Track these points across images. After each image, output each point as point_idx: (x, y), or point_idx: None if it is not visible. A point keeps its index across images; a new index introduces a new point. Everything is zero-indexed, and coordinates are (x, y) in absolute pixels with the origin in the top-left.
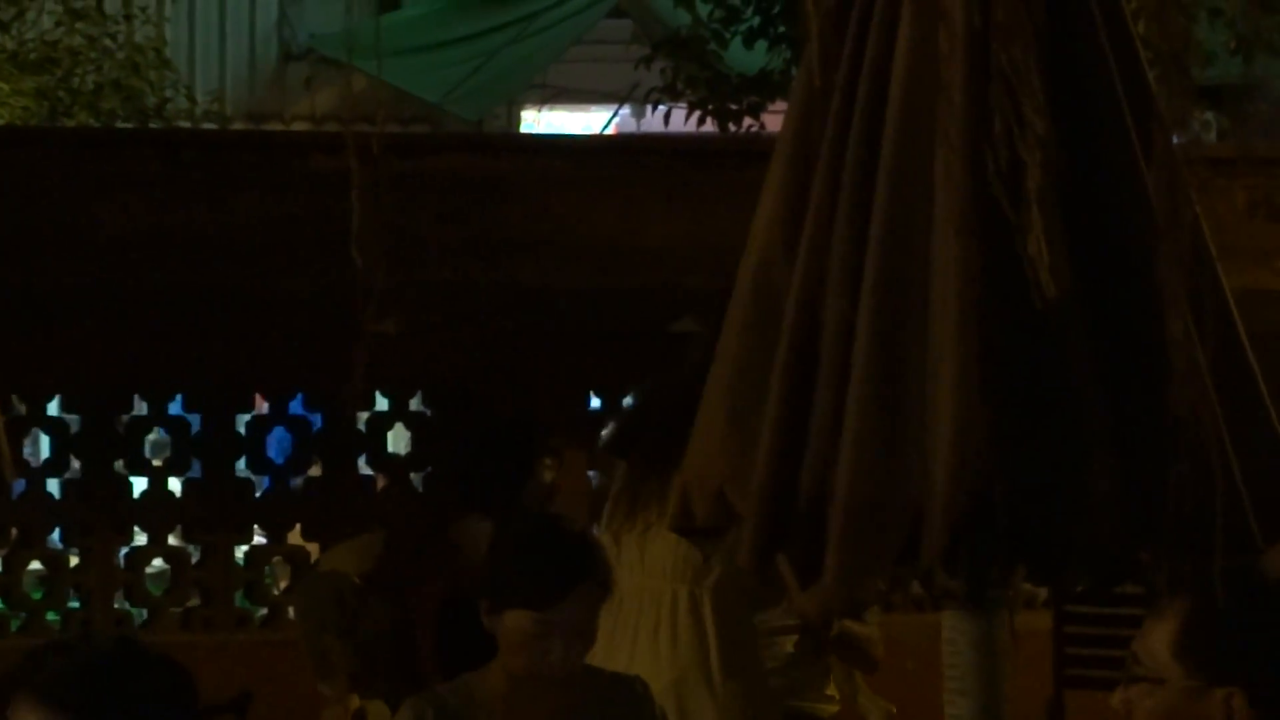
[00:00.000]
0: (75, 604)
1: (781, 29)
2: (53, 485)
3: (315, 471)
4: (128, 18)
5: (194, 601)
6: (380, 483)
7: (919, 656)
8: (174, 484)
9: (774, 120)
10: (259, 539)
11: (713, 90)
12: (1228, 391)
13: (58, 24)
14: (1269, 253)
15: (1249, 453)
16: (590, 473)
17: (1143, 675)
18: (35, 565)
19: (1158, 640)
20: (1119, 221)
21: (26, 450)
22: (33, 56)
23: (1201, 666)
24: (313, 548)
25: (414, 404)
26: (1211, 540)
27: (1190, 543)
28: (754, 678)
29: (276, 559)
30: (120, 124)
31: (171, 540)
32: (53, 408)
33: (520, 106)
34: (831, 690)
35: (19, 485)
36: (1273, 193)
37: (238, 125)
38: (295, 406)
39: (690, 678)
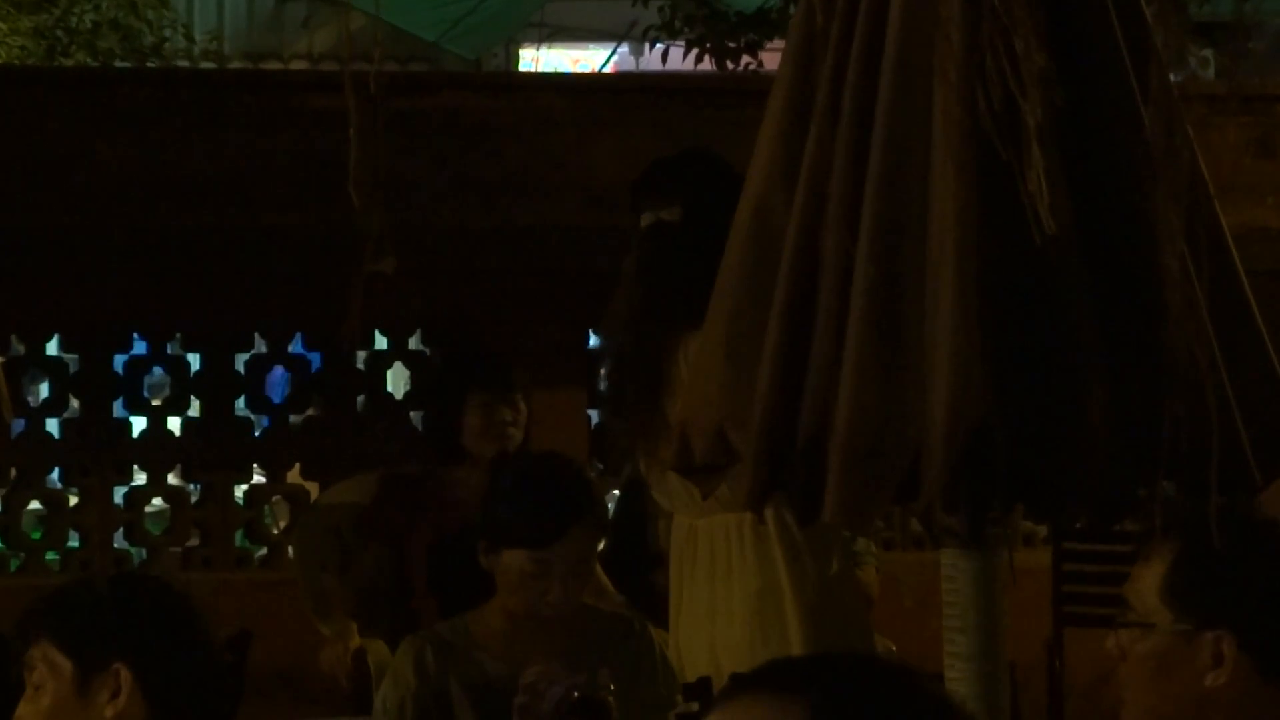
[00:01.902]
0: (75, 544)
1: None
2: (52, 425)
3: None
4: None
5: (193, 541)
6: (379, 422)
7: (918, 594)
8: (173, 423)
9: (772, 58)
10: (258, 478)
11: (710, 28)
12: (1225, 328)
13: None
14: (1265, 190)
15: (1246, 390)
16: (590, 411)
17: (1133, 620)
18: (35, 505)
19: (1146, 584)
20: (1115, 158)
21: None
22: None
23: (1190, 610)
24: (312, 487)
25: (413, 343)
26: (1208, 477)
27: (1187, 480)
28: (834, 599)
29: (276, 498)
30: (118, 63)
31: (171, 479)
32: (51, 347)
33: (518, 45)
34: None
35: (18, 425)
36: (1269, 130)
37: (235, 64)
38: (295, 346)
39: (766, 598)
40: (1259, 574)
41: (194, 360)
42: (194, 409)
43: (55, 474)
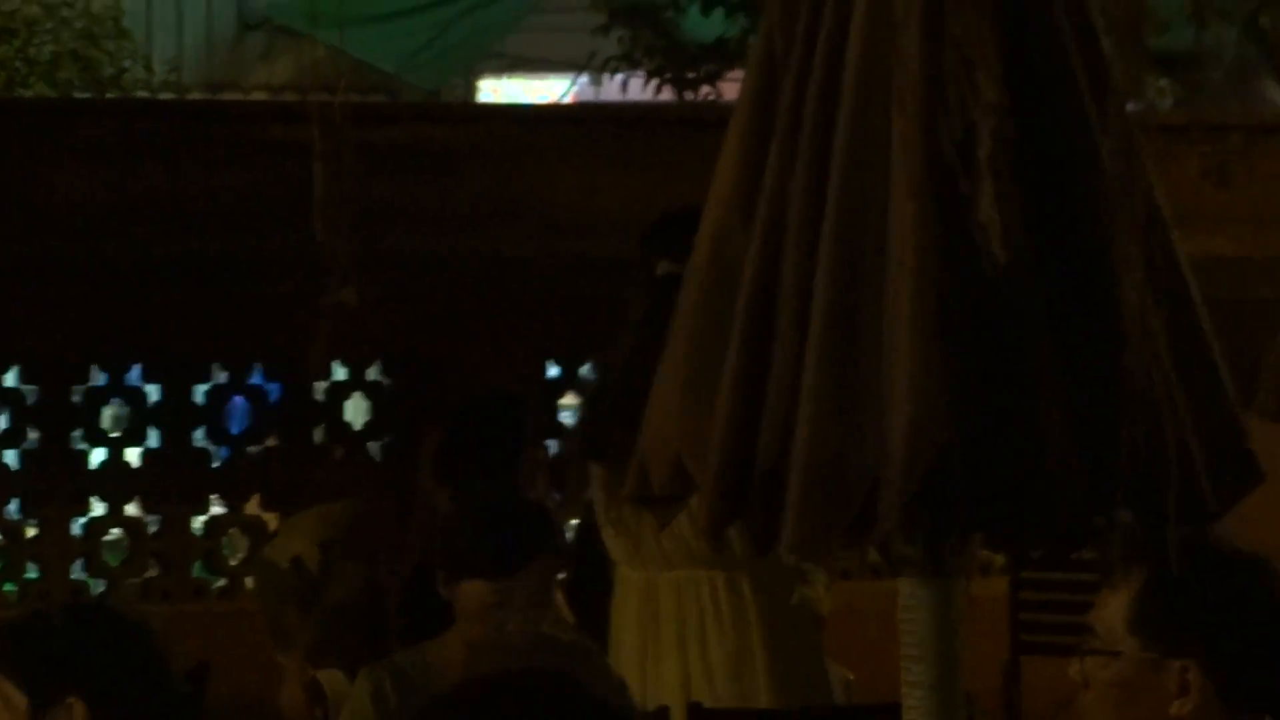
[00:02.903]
0: (33, 575)
1: None
2: (10, 457)
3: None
4: None
5: (152, 572)
6: (338, 453)
7: (876, 624)
8: (132, 454)
9: (731, 88)
10: (217, 509)
11: (670, 58)
12: (1182, 358)
13: None
14: (1222, 219)
15: (1203, 418)
16: (549, 441)
17: (1098, 647)
18: None
19: (1113, 612)
20: (1074, 188)
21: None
22: None
23: (1157, 638)
24: (271, 518)
25: (372, 374)
26: (1165, 506)
27: (1145, 508)
28: (803, 652)
29: (234, 529)
30: (77, 94)
31: (129, 510)
32: (10, 379)
33: (478, 76)
34: None
35: None
36: (1226, 160)
37: (195, 95)
38: (254, 377)
39: (741, 656)
40: (1226, 603)
41: (153, 391)
42: (153, 440)
43: (14, 505)
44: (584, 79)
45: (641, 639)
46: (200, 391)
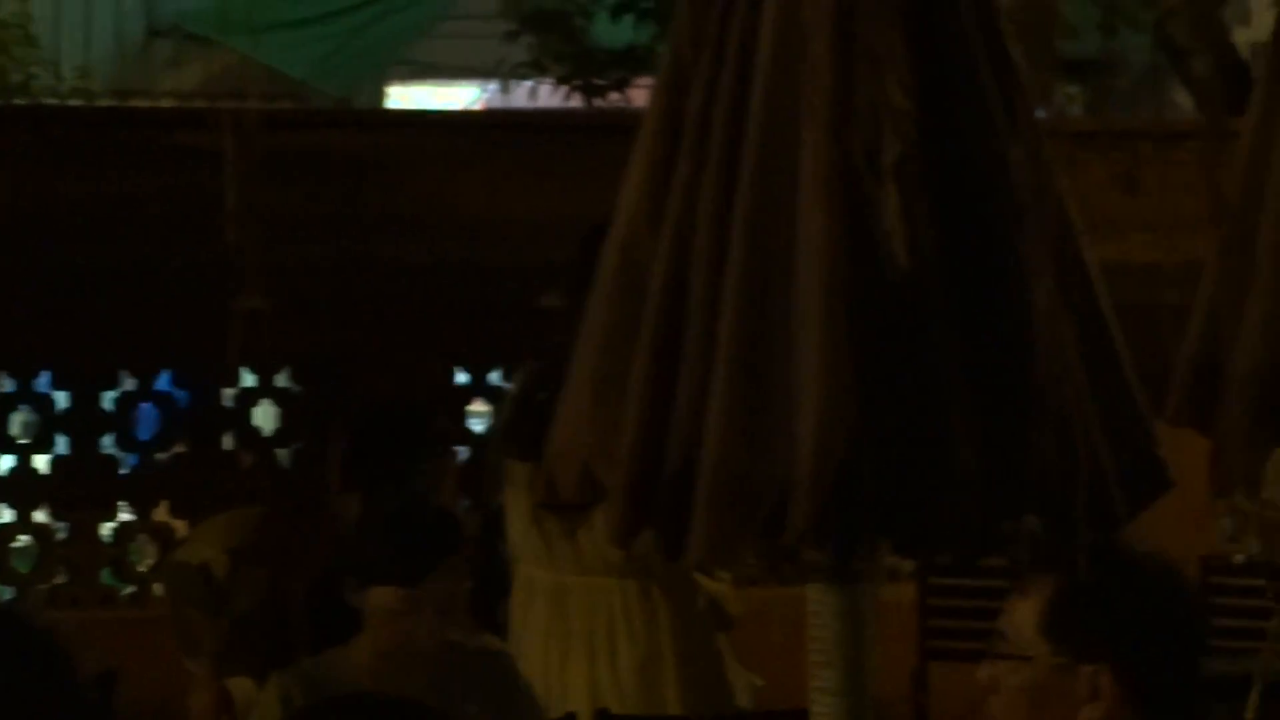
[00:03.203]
0: None
1: (647, 4)
2: None
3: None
4: None
5: (60, 578)
6: (247, 459)
7: (785, 629)
8: (40, 461)
9: (640, 95)
10: (125, 516)
11: (579, 65)
12: (1091, 364)
13: None
14: (1131, 226)
15: (1112, 425)
16: (458, 447)
17: (1009, 652)
18: None
19: (1023, 617)
20: (984, 195)
21: None
22: None
23: (1068, 643)
24: (179, 524)
25: (281, 380)
26: (1074, 512)
27: (1054, 515)
28: (710, 662)
29: (143, 536)
30: None
31: (38, 517)
32: None
33: (386, 82)
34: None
35: None
36: (1134, 166)
37: (104, 102)
38: (162, 383)
39: (650, 664)
40: (1138, 609)
41: (61, 398)
42: (61, 446)
43: None
44: (493, 86)
45: (547, 642)
46: (109, 398)
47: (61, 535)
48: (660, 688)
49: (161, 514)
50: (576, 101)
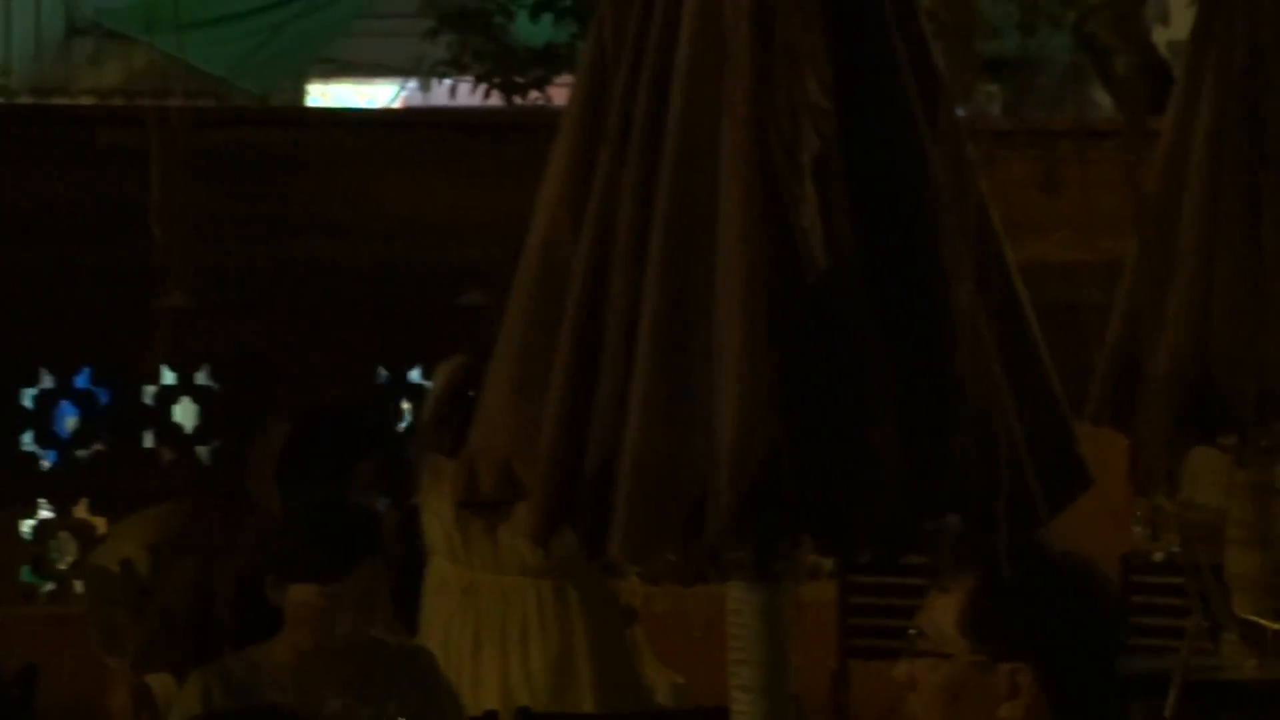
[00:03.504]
0: None
1: (566, 3)
2: None
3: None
4: None
5: None
6: (167, 457)
7: (704, 628)
8: None
9: (560, 94)
10: (45, 513)
11: (499, 63)
12: (1012, 363)
13: None
14: (1050, 225)
15: (1032, 424)
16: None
17: (928, 649)
18: None
19: (942, 614)
20: (904, 194)
21: None
22: None
23: (987, 641)
24: (99, 522)
25: (201, 378)
26: (994, 511)
27: (974, 514)
28: (624, 661)
29: (63, 533)
30: None
31: None
32: None
33: (306, 80)
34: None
35: None
36: (1054, 165)
37: (22, 99)
38: (82, 381)
39: (563, 664)
40: (1057, 607)
41: None
42: None
43: None
44: (412, 84)
45: (453, 637)
46: (28, 395)
47: None
48: (574, 687)
49: (81, 511)
50: (496, 100)
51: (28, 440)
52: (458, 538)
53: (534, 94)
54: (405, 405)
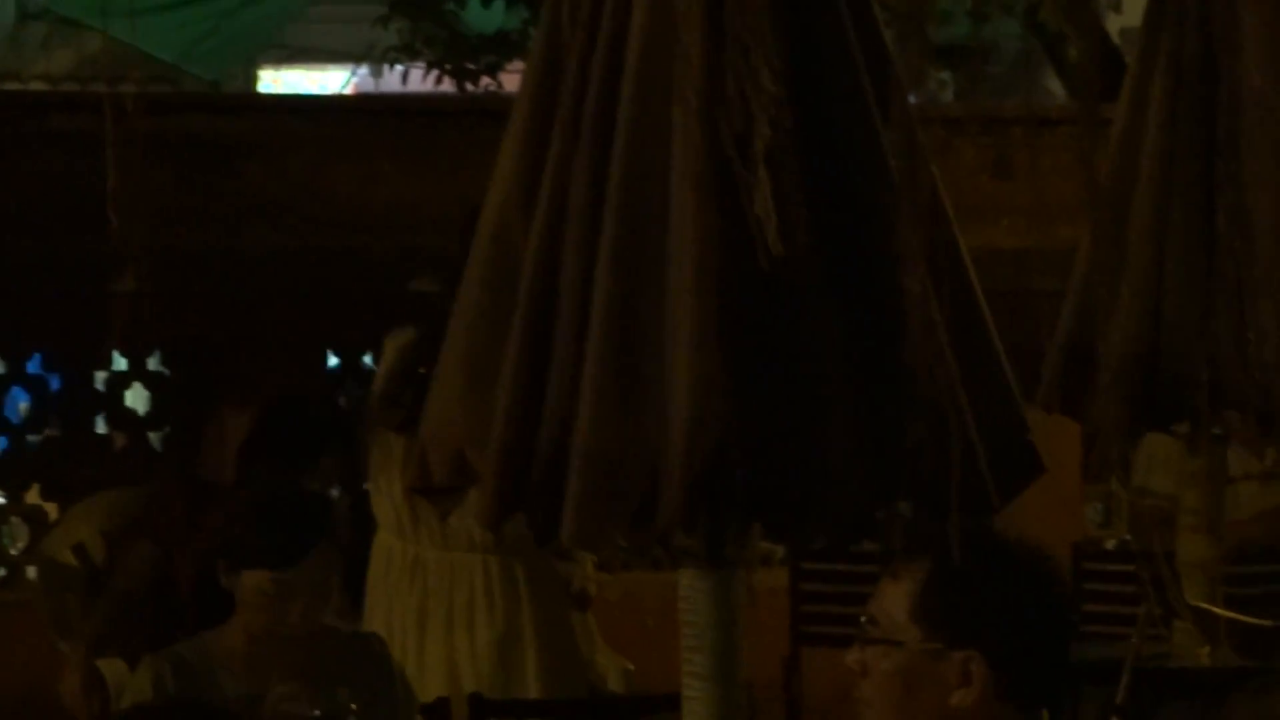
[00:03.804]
0: None
1: None
2: None
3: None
4: None
5: None
6: (119, 442)
7: (657, 615)
8: None
9: (512, 80)
10: None
11: (450, 50)
12: (963, 349)
13: None
14: (1001, 211)
15: (984, 411)
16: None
17: (879, 637)
18: None
19: (894, 601)
20: (857, 181)
21: None
22: None
23: (939, 629)
24: (51, 507)
25: (153, 364)
26: (947, 498)
27: (926, 501)
28: (568, 639)
29: (15, 518)
30: None
31: None
32: None
33: (257, 67)
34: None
35: None
36: (1005, 152)
37: None
38: (33, 366)
39: (509, 641)
40: (1010, 596)
41: None
42: None
43: None
44: (364, 70)
45: (397, 611)
46: None
47: None
48: (519, 664)
49: (33, 497)
50: (448, 86)
51: None
52: (406, 514)
53: (486, 81)
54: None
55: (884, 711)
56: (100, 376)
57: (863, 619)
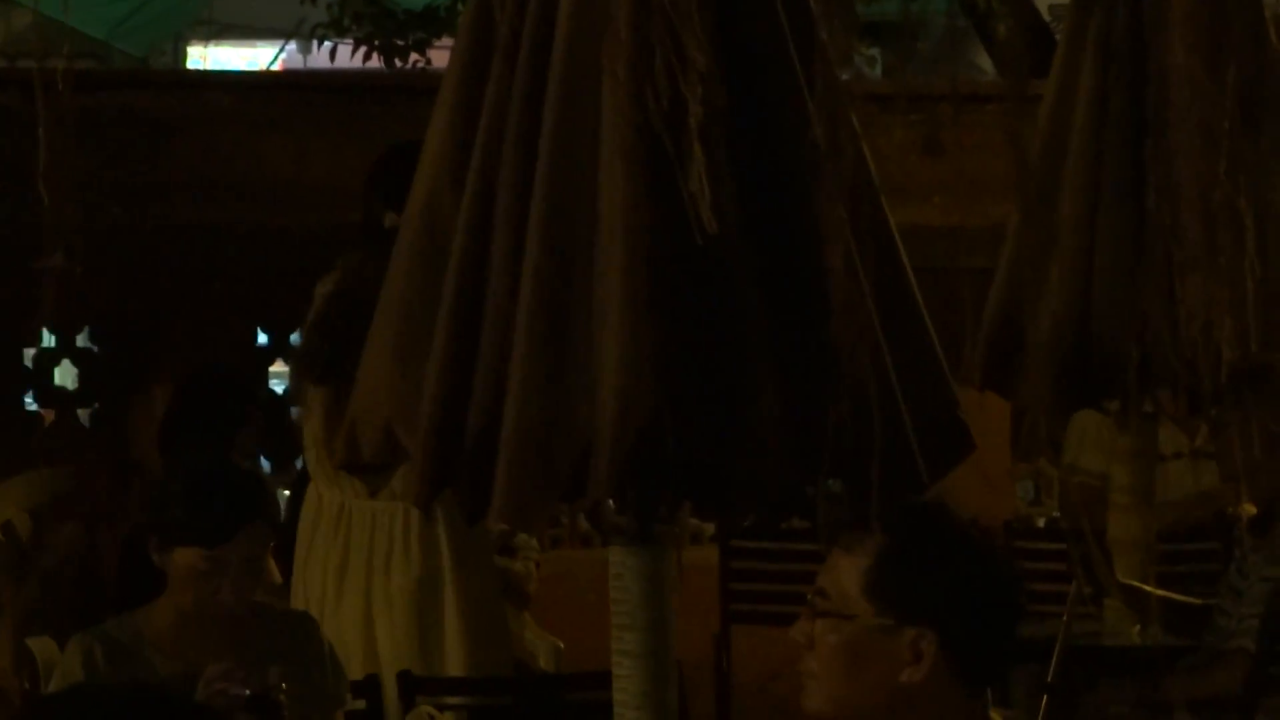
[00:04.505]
0: None
1: None
2: None
3: None
4: None
5: None
6: (47, 419)
7: (588, 592)
8: None
9: (440, 56)
10: None
11: (379, 26)
12: (892, 326)
13: None
14: (930, 189)
15: (913, 388)
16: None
17: (829, 610)
18: None
19: (846, 575)
20: (783, 157)
21: None
22: None
23: (892, 605)
24: None
25: (81, 340)
26: (873, 477)
27: (854, 478)
28: (488, 585)
29: None
30: None
31: None
32: None
33: (186, 42)
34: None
35: None
36: (935, 130)
37: None
38: None
39: (426, 587)
40: (964, 575)
41: None
42: None
43: None
44: (292, 46)
45: (315, 558)
46: None
47: None
48: (434, 611)
49: None
50: (376, 63)
51: None
52: (329, 464)
53: (415, 57)
54: (285, 368)
55: (830, 685)
56: (28, 353)
57: (811, 592)
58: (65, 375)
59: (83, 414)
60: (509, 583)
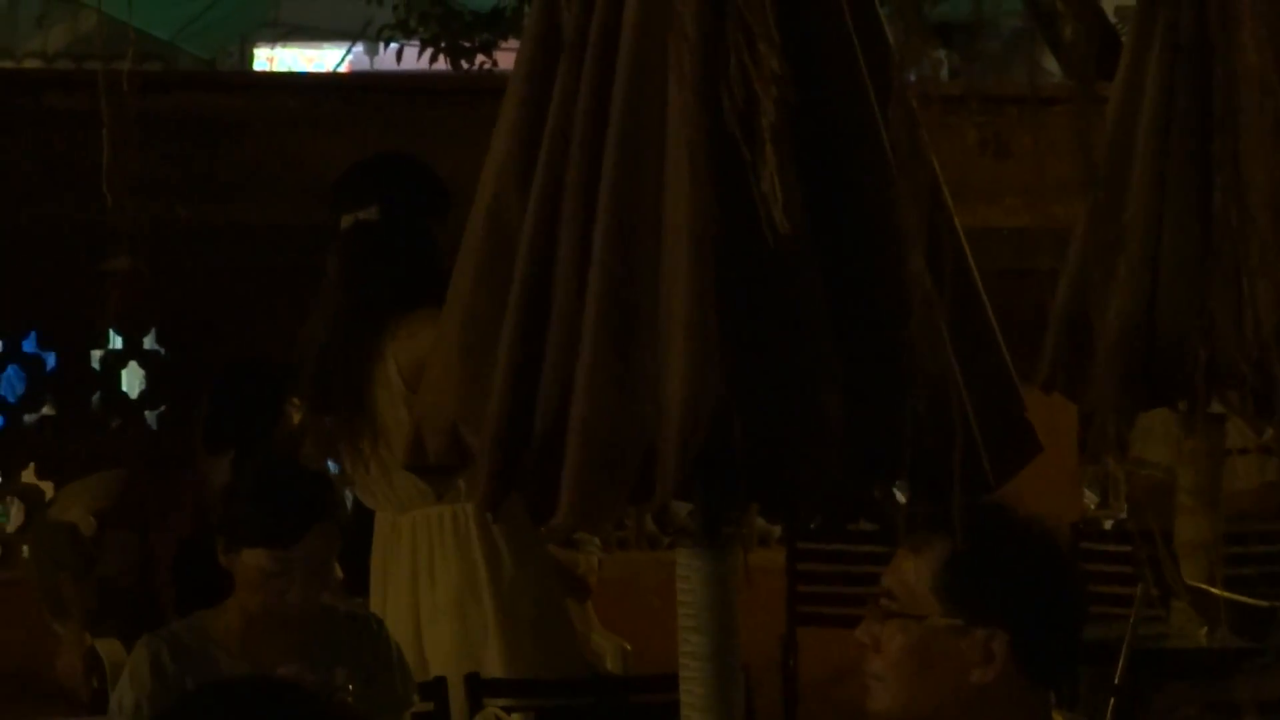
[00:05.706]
0: None
1: None
2: None
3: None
4: None
5: None
6: (114, 421)
7: (653, 594)
8: None
9: (506, 58)
10: None
11: (445, 27)
12: (960, 329)
13: None
14: (999, 191)
15: (981, 390)
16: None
17: (897, 610)
18: None
19: (914, 575)
20: (854, 159)
21: None
22: None
23: (962, 605)
24: (46, 486)
25: (148, 342)
26: (944, 478)
27: (923, 481)
28: (537, 590)
29: (10, 497)
30: None
31: None
32: None
33: (253, 44)
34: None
35: None
36: (1003, 131)
37: None
38: (29, 345)
39: (467, 594)
40: (1034, 575)
41: None
42: None
43: None
44: (359, 48)
45: (382, 573)
46: None
47: None
48: (478, 617)
49: (28, 476)
50: (443, 64)
51: None
52: (360, 486)
53: (481, 58)
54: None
55: (899, 686)
56: (96, 355)
57: (877, 592)
58: (133, 377)
59: (150, 416)
60: (569, 575)
